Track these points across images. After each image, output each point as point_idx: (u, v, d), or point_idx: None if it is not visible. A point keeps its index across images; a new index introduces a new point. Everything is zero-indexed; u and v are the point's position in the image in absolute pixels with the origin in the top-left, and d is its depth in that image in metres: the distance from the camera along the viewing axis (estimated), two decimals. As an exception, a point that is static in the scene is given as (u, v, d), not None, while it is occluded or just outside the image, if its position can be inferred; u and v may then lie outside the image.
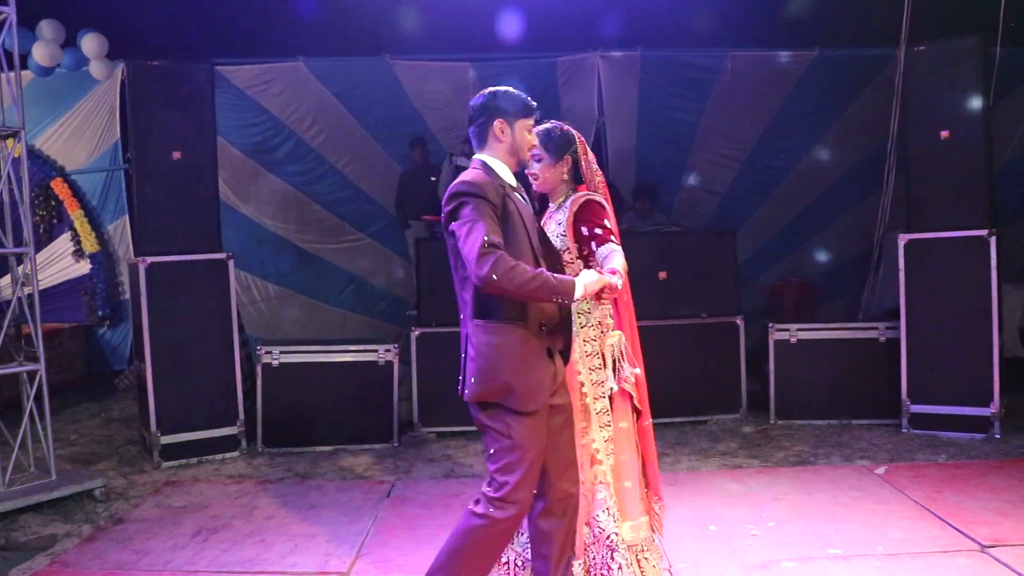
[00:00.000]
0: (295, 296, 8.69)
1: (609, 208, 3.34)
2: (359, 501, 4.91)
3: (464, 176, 2.93)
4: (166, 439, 5.69)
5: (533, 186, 3.42)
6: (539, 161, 3.34)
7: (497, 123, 3.02)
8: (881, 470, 5.21)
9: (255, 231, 8.51)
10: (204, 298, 5.89)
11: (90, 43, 7.82)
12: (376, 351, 6.21)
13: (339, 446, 6.10)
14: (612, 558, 3.19)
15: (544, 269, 2.85)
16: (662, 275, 6.64)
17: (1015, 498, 4.57)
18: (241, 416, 5.98)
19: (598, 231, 3.24)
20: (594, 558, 3.22)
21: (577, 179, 3.42)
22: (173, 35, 7.34)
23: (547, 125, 3.37)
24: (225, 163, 7.81)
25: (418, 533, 4.33)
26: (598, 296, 2.93)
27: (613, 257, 3.11)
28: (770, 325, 6.59)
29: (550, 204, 3.49)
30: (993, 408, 5.85)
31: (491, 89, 3.08)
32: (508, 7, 7.58)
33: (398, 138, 8.56)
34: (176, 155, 5.78)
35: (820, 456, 5.61)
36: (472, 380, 2.91)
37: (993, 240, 5.83)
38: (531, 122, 3.09)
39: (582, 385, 3.29)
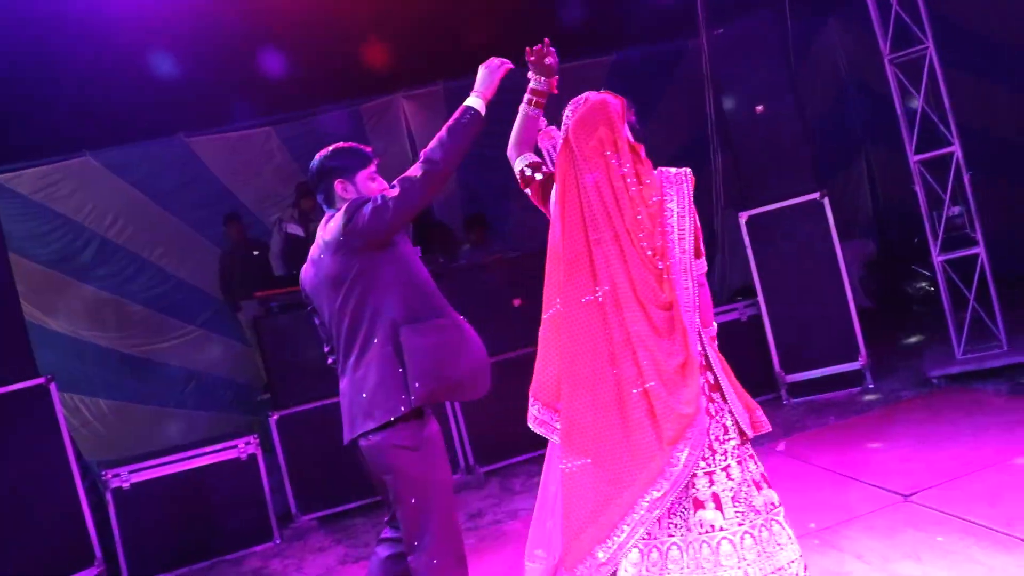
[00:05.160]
0: (132, 407, 7.90)
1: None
2: (255, 615, 4.43)
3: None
4: (13, 601, 4.97)
5: None
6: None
7: (337, 184, 3.03)
8: (781, 446, 5.18)
9: (73, 346, 7.69)
10: (28, 431, 5.20)
11: None
12: (236, 446, 5.73)
13: (217, 558, 5.54)
14: None
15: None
16: (517, 302, 6.48)
17: (913, 442, 4.64)
18: (99, 554, 5.31)
19: None
20: None
21: None
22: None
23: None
24: (24, 279, 7.03)
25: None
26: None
27: None
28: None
29: None
30: (862, 361, 5.99)
31: (323, 152, 3.09)
32: (299, 61, 7.23)
33: (211, 218, 8.03)
34: (-38, 281, 5.12)
35: (715, 446, 5.54)
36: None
37: (827, 201, 5.99)
38: (373, 169, 3.06)
39: None
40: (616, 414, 2.62)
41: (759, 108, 6.09)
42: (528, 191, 3.01)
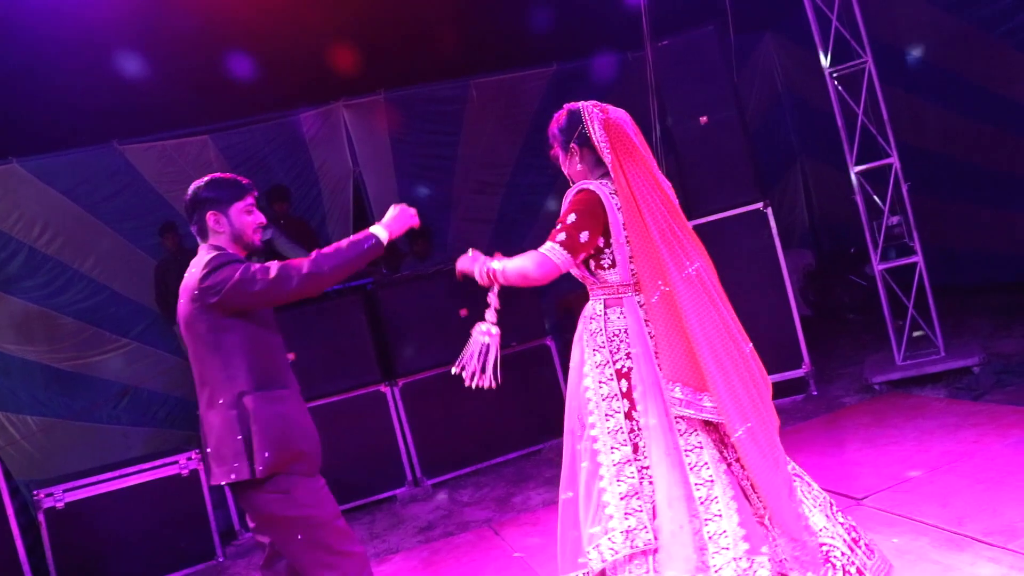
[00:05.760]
0: (62, 424, 7.59)
1: (604, 198, 2.92)
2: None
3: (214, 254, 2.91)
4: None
5: None
6: (556, 159, 3.11)
7: (210, 216, 2.97)
8: (730, 453, 5.22)
9: (-3, 362, 7.42)
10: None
11: None
12: (176, 462, 5.55)
13: (158, 579, 5.36)
14: None
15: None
16: (463, 313, 6.42)
17: (860, 447, 4.71)
18: (29, 577, 5.10)
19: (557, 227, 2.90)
20: None
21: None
22: None
23: (558, 112, 3.08)
24: (-55, 293, 6.79)
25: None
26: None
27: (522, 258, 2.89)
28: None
29: None
30: (805, 368, 6.08)
31: (198, 181, 2.99)
32: (238, 69, 7.06)
33: (146, 228, 7.79)
34: None
35: (664, 455, 5.56)
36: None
37: (770, 211, 6.08)
38: (250, 201, 2.99)
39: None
40: (745, 371, 2.79)
41: (703, 119, 6.15)
42: (581, 242, 2.94)
